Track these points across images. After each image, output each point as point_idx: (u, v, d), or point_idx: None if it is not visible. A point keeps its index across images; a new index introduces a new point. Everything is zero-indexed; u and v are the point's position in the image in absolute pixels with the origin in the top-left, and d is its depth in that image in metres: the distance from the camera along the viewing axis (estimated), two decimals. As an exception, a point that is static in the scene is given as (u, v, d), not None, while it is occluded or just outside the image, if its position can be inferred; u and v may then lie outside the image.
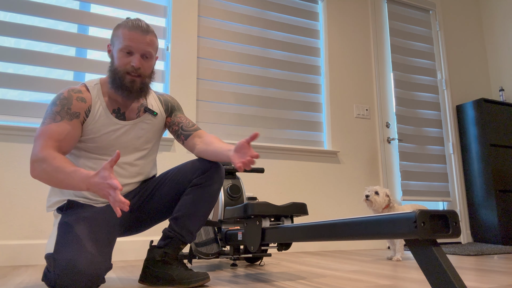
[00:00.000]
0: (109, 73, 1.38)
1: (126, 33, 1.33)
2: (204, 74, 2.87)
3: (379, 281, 1.48)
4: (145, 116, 1.46)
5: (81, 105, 1.33)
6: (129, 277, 1.60)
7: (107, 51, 1.41)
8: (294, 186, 2.99)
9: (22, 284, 1.46)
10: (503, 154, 3.57)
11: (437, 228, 0.87)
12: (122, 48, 1.33)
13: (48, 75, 2.44)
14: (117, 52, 1.34)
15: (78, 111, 1.32)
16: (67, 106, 1.30)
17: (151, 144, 1.49)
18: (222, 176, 1.45)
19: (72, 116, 1.30)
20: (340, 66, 3.40)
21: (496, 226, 3.37)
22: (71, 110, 1.30)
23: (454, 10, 4.16)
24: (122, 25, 1.35)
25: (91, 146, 1.36)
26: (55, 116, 1.28)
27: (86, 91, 1.37)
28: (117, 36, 1.35)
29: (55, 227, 1.29)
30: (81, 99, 1.34)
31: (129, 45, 1.32)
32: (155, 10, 2.82)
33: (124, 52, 1.33)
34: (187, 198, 1.40)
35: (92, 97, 1.37)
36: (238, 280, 1.53)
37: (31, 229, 2.20)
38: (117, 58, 1.34)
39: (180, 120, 1.53)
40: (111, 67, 1.37)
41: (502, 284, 1.39)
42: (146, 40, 1.34)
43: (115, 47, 1.36)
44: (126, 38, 1.32)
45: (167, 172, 1.49)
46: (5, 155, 2.22)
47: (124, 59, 1.34)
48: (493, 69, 4.17)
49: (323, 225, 1.14)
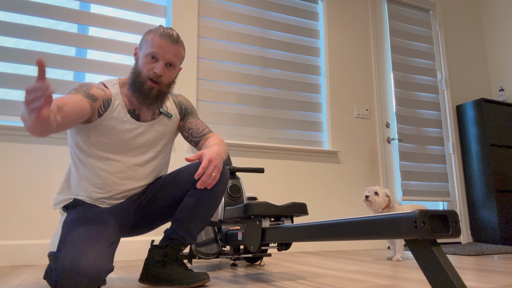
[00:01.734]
0: (131, 75, 1.38)
1: (156, 39, 1.34)
2: (204, 74, 2.87)
3: (379, 281, 1.48)
4: (160, 118, 1.46)
5: (100, 93, 1.33)
6: (129, 277, 1.60)
7: (134, 54, 1.41)
8: (294, 186, 2.99)
9: (22, 284, 1.46)
10: (503, 154, 3.57)
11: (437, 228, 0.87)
12: (149, 53, 1.33)
13: (48, 75, 2.44)
14: (143, 56, 1.35)
15: (96, 96, 1.31)
16: (85, 87, 1.30)
17: (164, 146, 1.48)
18: (226, 179, 1.43)
19: (89, 96, 1.29)
20: (340, 66, 3.40)
21: (496, 226, 3.37)
22: (89, 91, 1.30)
23: (454, 10, 4.16)
24: (154, 31, 1.36)
25: (104, 142, 1.34)
26: (71, 91, 1.27)
27: (105, 87, 1.38)
28: (146, 40, 1.36)
29: (60, 225, 1.30)
30: (101, 89, 1.35)
31: (156, 52, 1.33)
32: (155, 10, 2.82)
33: (150, 57, 1.34)
34: (190, 199, 1.40)
35: (112, 93, 1.37)
36: (238, 280, 1.53)
37: (31, 229, 2.20)
38: (142, 62, 1.35)
39: (190, 126, 1.52)
40: (135, 70, 1.37)
41: (502, 284, 1.39)
42: (173, 49, 1.35)
43: (142, 50, 1.36)
44: (154, 44, 1.33)
45: (172, 173, 1.49)
46: (5, 155, 2.22)
47: (149, 64, 1.34)
48: (493, 69, 4.17)
49: (323, 225, 1.14)
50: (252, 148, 2.88)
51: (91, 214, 1.29)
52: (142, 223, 1.48)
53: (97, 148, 1.34)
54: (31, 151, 2.27)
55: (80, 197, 1.36)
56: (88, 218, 1.27)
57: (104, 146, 1.34)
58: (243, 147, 2.85)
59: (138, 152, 1.40)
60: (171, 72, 1.38)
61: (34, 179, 2.25)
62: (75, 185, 1.36)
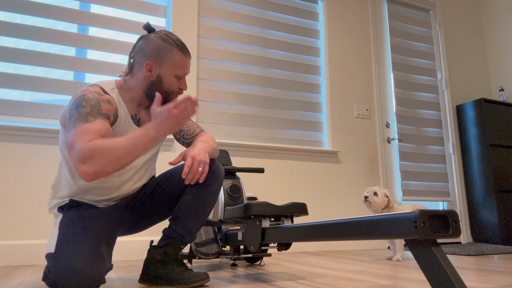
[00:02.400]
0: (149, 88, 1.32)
1: (183, 60, 1.33)
2: (204, 74, 2.87)
3: (379, 281, 1.48)
4: None
5: (109, 108, 1.24)
6: (129, 277, 1.60)
7: (146, 69, 1.30)
8: (294, 186, 2.99)
9: (22, 284, 1.46)
10: (503, 154, 3.57)
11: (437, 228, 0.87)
12: (179, 75, 1.33)
13: (48, 75, 2.44)
14: (170, 76, 1.32)
15: (108, 113, 1.23)
16: (97, 107, 1.19)
17: (157, 148, 1.49)
18: (221, 176, 1.44)
19: (104, 116, 1.20)
20: (340, 66, 3.40)
21: (496, 226, 3.37)
22: (102, 111, 1.20)
23: (454, 10, 4.16)
24: (174, 45, 1.31)
25: None
26: (87, 117, 1.15)
27: (105, 93, 1.28)
28: (168, 59, 1.30)
29: (56, 226, 1.29)
30: (107, 101, 1.24)
31: (186, 73, 1.35)
32: (155, 10, 2.82)
33: (177, 78, 1.34)
34: (187, 198, 1.40)
35: (115, 99, 1.31)
36: (238, 280, 1.53)
37: (31, 229, 2.20)
38: (170, 83, 1.33)
39: (182, 128, 1.51)
40: (157, 86, 1.32)
41: (502, 284, 1.39)
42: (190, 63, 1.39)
43: (165, 69, 1.31)
44: (183, 66, 1.33)
45: (167, 172, 1.49)
46: (5, 155, 2.22)
47: (175, 83, 1.34)
48: (493, 69, 4.17)
49: (323, 225, 1.14)
50: (252, 148, 2.88)
51: (87, 214, 1.29)
52: (139, 221, 1.49)
53: None
54: (31, 151, 2.27)
55: (76, 198, 1.35)
56: (85, 218, 1.27)
57: None
58: (243, 147, 2.85)
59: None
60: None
61: (34, 179, 2.25)
62: (69, 186, 1.33)
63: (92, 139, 1.09)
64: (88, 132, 1.11)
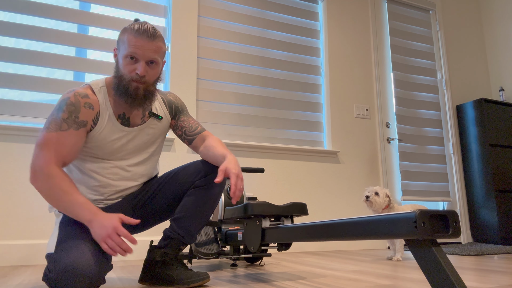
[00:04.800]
0: (114, 79, 1.32)
1: (132, 39, 1.26)
2: (204, 74, 2.87)
3: (379, 281, 1.48)
4: (150, 121, 1.43)
5: (89, 113, 1.28)
6: (129, 277, 1.60)
7: (113, 55, 1.35)
8: (294, 186, 2.99)
9: (22, 284, 1.46)
10: (503, 154, 3.57)
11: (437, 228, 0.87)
12: (127, 55, 1.27)
13: (48, 75, 2.44)
14: (122, 58, 1.29)
15: (86, 120, 1.27)
16: (74, 114, 1.25)
17: (156, 146, 1.48)
18: (224, 180, 1.44)
19: (79, 125, 1.25)
20: (340, 66, 3.40)
21: (496, 226, 3.37)
22: (78, 119, 1.25)
23: (454, 10, 4.16)
24: (129, 29, 1.29)
25: (97, 152, 1.34)
26: (62, 124, 1.23)
27: (92, 95, 1.31)
28: (122, 41, 1.29)
29: (56, 226, 1.29)
30: (89, 106, 1.28)
31: (134, 52, 1.26)
32: (155, 10, 2.82)
33: (129, 58, 1.27)
34: (189, 199, 1.40)
35: (100, 102, 1.32)
36: (238, 280, 1.53)
37: (31, 229, 2.20)
38: (122, 65, 1.29)
39: (183, 124, 1.50)
40: (116, 73, 1.31)
41: (502, 284, 1.39)
42: (152, 46, 1.28)
43: (120, 52, 1.30)
44: (131, 45, 1.26)
45: (170, 172, 1.49)
46: (5, 155, 2.22)
47: (129, 66, 1.28)
48: (493, 69, 4.17)
49: (323, 225, 1.14)
50: (252, 148, 2.88)
51: None
52: (141, 220, 1.48)
53: (92, 155, 1.34)
54: (31, 151, 2.27)
55: None
56: None
57: (98, 154, 1.34)
58: (243, 147, 2.85)
59: (131, 156, 1.40)
60: (154, 69, 1.32)
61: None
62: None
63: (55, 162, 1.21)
64: (55, 149, 1.21)
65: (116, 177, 1.38)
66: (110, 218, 1.17)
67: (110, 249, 1.14)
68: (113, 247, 1.13)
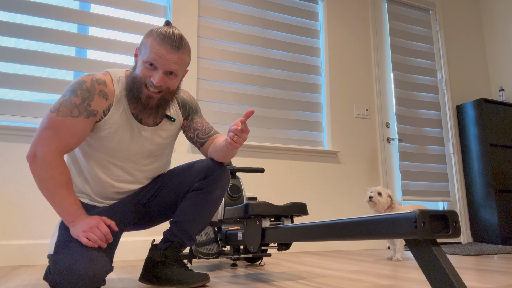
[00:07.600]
0: (127, 78, 1.27)
1: (155, 46, 1.20)
2: (204, 74, 2.87)
3: (379, 281, 1.48)
4: (163, 123, 1.38)
5: (101, 103, 1.23)
6: (129, 277, 1.60)
7: (134, 54, 1.30)
8: (294, 186, 2.99)
9: (22, 284, 1.46)
10: (503, 154, 3.57)
11: (437, 228, 0.87)
12: (147, 61, 1.21)
13: (48, 75, 2.44)
14: (141, 62, 1.23)
15: (97, 110, 1.23)
16: (87, 101, 1.21)
17: (165, 149, 1.43)
18: (225, 182, 1.40)
19: (90, 113, 1.22)
20: (340, 66, 3.40)
21: (496, 226, 3.37)
22: (90, 107, 1.21)
23: (454, 10, 4.16)
24: (154, 33, 1.23)
25: (104, 145, 1.28)
26: (73, 109, 1.19)
27: (110, 84, 1.26)
28: (145, 44, 1.23)
29: (56, 227, 1.29)
30: (104, 95, 1.23)
31: (154, 59, 1.20)
32: (155, 10, 2.82)
33: (148, 64, 1.21)
34: (188, 203, 1.38)
35: (115, 93, 1.27)
36: (238, 280, 1.53)
37: (31, 229, 2.20)
38: (140, 69, 1.23)
39: (196, 126, 1.45)
40: (132, 73, 1.26)
41: (502, 284, 1.39)
42: (174, 57, 1.21)
43: (141, 55, 1.24)
44: (152, 51, 1.20)
45: (171, 172, 1.45)
46: (5, 155, 2.22)
47: (146, 72, 1.22)
48: (493, 69, 4.17)
49: (323, 225, 1.14)
50: (252, 148, 2.88)
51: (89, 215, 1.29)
52: (141, 220, 1.47)
53: (98, 150, 1.30)
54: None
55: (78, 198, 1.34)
56: None
57: (104, 149, 1.30)
58: (243, 147, 2.85)
59: (139, 157, 1.36)
60: (172, 80, 1.25)
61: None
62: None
63: (59, 151, 1.19)
64: (61, 137, 1.18)
65: (120, 179, 1.36)
66: (93, 218, 1.19)
67: (90, 241, 1.14)
68: (93, 239, 1.14)
